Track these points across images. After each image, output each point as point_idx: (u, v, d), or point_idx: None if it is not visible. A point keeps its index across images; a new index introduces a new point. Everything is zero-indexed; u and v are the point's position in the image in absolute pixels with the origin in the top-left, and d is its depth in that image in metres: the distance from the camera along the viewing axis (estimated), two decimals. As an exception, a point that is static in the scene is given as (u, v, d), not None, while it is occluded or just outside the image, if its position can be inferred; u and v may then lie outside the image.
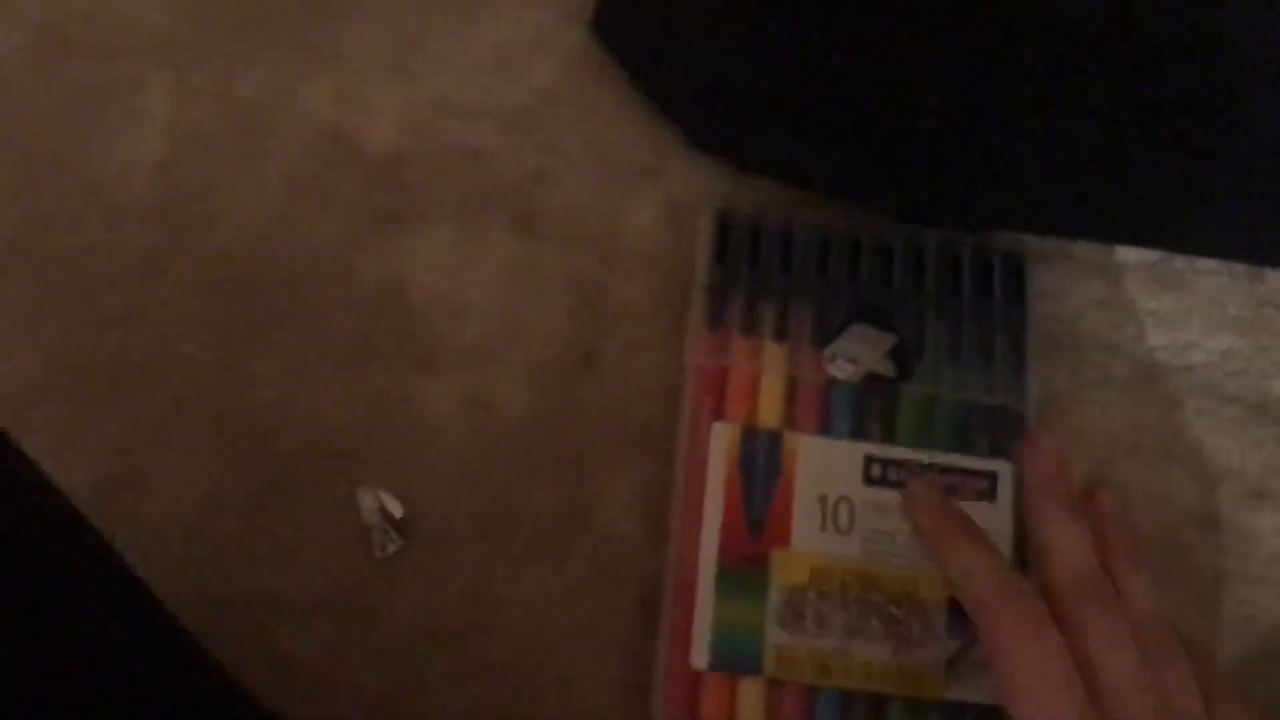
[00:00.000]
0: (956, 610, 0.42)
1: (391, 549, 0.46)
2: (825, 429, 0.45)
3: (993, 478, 0.45)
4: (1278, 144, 0.47)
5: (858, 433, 0.45)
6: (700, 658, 0.42)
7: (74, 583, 0.35)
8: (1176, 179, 0.48)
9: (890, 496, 0.44)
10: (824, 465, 0.45)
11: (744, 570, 0.43)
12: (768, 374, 0.46)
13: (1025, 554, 0.44)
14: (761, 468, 0.45)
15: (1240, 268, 0.51)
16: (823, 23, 0.48)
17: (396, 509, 0.46)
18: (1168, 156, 0.48)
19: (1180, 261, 0.51)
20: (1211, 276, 0.51)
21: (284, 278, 0.49)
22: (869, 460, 0.45)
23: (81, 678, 0.32)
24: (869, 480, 0.45)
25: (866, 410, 0.46)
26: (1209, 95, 0.46)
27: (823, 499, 0.44)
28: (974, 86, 0.47)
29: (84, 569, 0.36)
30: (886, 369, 0.46)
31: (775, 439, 0.45)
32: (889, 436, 0.46)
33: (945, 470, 0.45)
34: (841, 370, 0.46)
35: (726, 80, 0.50)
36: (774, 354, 0.47)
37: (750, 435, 0.45)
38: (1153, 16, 0.46)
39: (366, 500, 0.46)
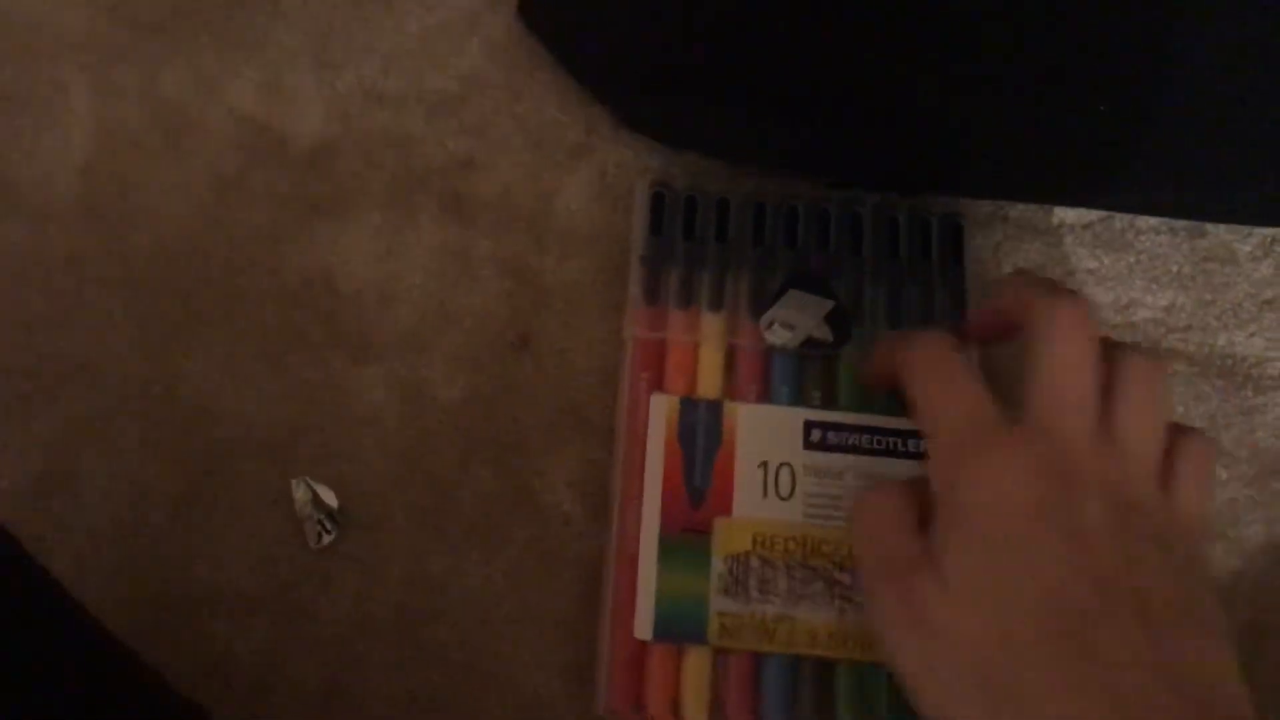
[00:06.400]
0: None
1: (327, 539, 0.45)
2: (765, 396, 0.45)
3: (935, 438, 0.44)
4: (1209, 99, 0.47)
5: (797, 399, 0.45)
6: (644, 629, 0.41)
7: None
8: (1110, 138, 0.48)
9: (831, 461, 0.44)
10: (764, 432, 0.44)
11: (686, 540, 0.43)
12: (706, 344, 0.46)
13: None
14: (701, 437, 0.44)
15: (1181, 224, 0.51)
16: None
17: (331, 499, 0.45)
18: (1100, 115, 0.47)
19: (1120, 220, 0.51)
20: (1152, 234, 0.51)
21: (211, 273, 0.49)
22: (809, 425, 0.44)
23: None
24: (809, 445, 0.44)
25: (806, 376, 0.45)
26: (1137, 52, 0.46)
27: (763, 466, 0.43)
28: (903, 52, 0.46)
29: None
30: (824, 334, 0.46)
31: (715, 408, 0.44)
32: (829, 401, 0.45)
33: (885, 433, 0.44)
34: (779, 337, 0.45)
35: (653, 58, 0.50)
36: (711, 324, 0.46)
37: (689, 406, 0.44)
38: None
39: (300, 491, 0.45)
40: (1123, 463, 0.36)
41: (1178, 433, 0.38)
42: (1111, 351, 0.37)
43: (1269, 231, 0.50)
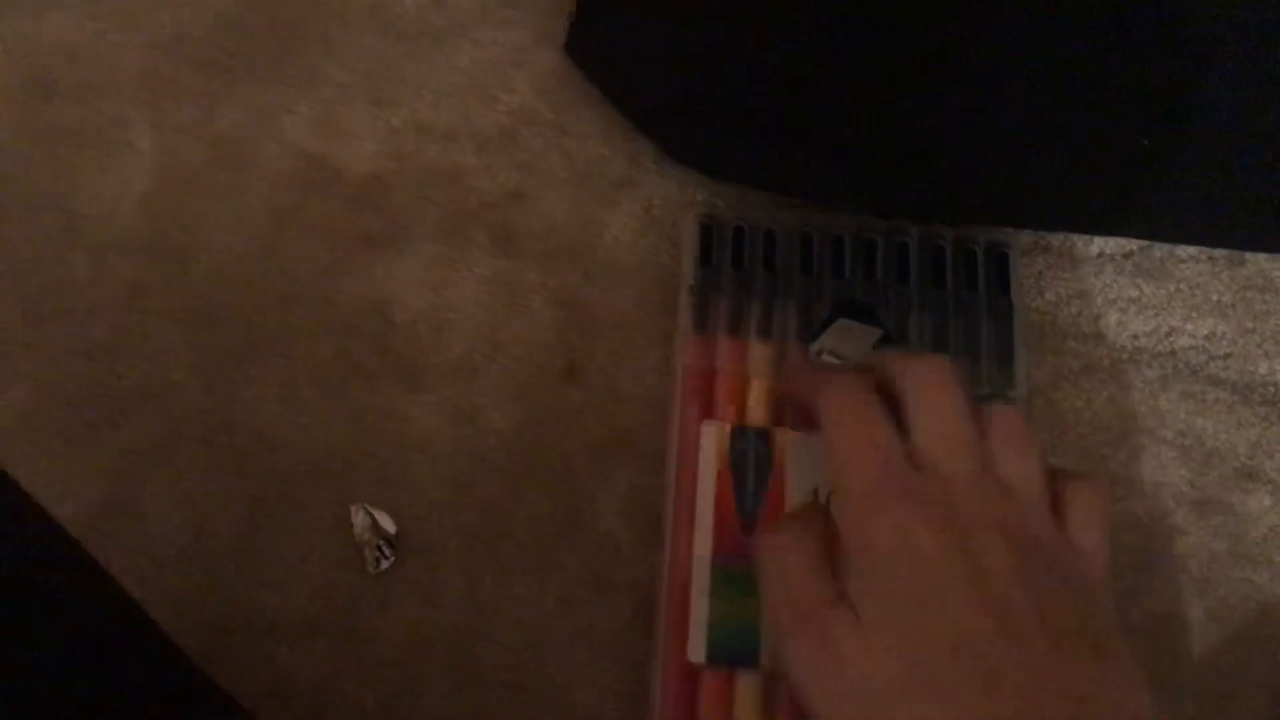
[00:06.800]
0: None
1: (385, 565, 0.46)
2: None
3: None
4: (1249, 129, 0.48)
5: (846, 427, 0.45)
6: (697, 652, 0.42)
7: (62, 601, 0.35)
8: (1151, 169, 0.48)
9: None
10: (814, 460, 0.45)
11: (738, 565, 0.43)
12: (755, 373, 0.46)
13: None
14: (752, 464, 0.45)
15: (1221, 253, 0.51)
16: (791, 33, 0.48)
17: (389, 525, 0.46)
18: (1136, 146, 0.48)
19: (1160, 249, 0.51)
20: (1192, 263, 0.51)
21: (269, 303, 0.50)
22: (858, 453, 0.45)
23: (73, 696, 0.32)
24: (859, 473, 0.44)
25: (853, 404, 0.46)
26: (1178, 86, 0.47)
27: (814, 493, 0.44)
28: (942, 86, 0.47)
29: (71, 588, 0.36)
30: (872, 363, 0.46)
31: (764, 436, 0.45)
32: (877, 429, 0.45)
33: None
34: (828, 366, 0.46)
35: (697, 93, 0.51)
36: (760, 353, 0.47)
37: (740, 433, 0.45)
38: (1108, 19, 0.46)
39: (359, 517, 0.46)
40: (1014, 503, 0.37)
41: (1066, 477, 0.39)
42: (977, 404, 0.39)
43: (1309, 260, 0.51)
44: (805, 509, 0.41)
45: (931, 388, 0.38)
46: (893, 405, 0.39)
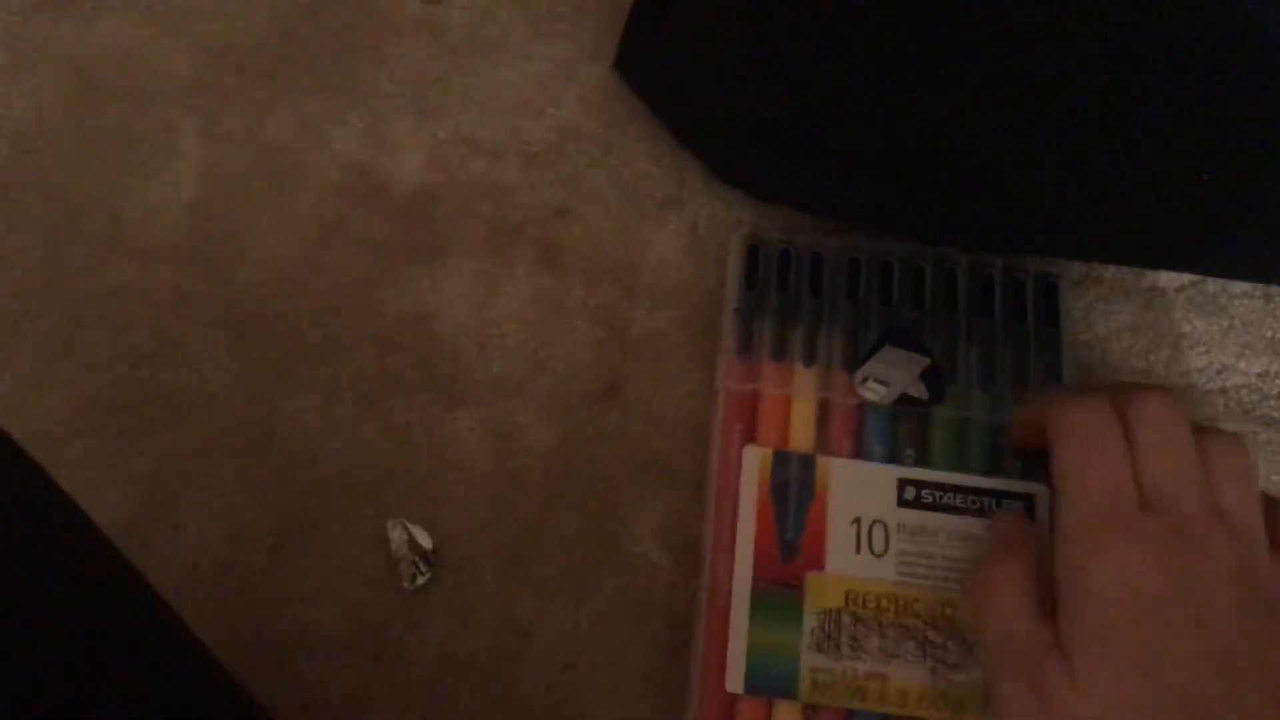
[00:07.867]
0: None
1: (420, 580, 0.45)
2: (858, 452, 0.45)
3: (1029, 500, 0.44)
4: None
5: (891, 456, 0.45)
6: (735, 682, 0.41)
7: (101, 605, 0.34)
8: (1206, 203, 0.48)
9: (925, 520, 0.43)
10: (857, 488, 0.44)
11: (777, 593, 0.43)
12: (798, 398, 0.46)
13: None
14: (794, 491, 0.44)
15: (1276, 289, 0.50)
16: (844, 55, 0.48)
17: (425, 540, 0.46)
18: (1196, 181, 0.47)
19: (1214, 285, 0.51)
20: (1246, 299, 0.50)
21: (311, 314, 0.49)
22: (903, 483, 0.44)
23: (109, 698, 0.32)
24: (903, 503, 0.44)
25: (900, 433, 0.45)
26: (1234, 118, 0.46)
27: (856, 522, 0.44)
28: (999, 114, 0.47)
29: (111, 592, 0.35)
30: (919, 391, 0.46)
31: (808, 462, 0.44)
32: (923, 459, 0.45)
33: (980, 493, 0.44)
34: (873, 393, 0.46)
35: (747, 113, 0.50)
36: (804, 378, 0.46)
37: (782, 459, 0.45)
38: (1177, 49, 0.46)
39: (396, 532, 0.46)
40: (1238, 540, 0.36)
41: (1272, 504, 0.38)
42: (1197, 434, 0.38)
43: (1368, 300, 0.50)
44: (1014, 533, 0.40)
45: (1159, 421, 0.37)
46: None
